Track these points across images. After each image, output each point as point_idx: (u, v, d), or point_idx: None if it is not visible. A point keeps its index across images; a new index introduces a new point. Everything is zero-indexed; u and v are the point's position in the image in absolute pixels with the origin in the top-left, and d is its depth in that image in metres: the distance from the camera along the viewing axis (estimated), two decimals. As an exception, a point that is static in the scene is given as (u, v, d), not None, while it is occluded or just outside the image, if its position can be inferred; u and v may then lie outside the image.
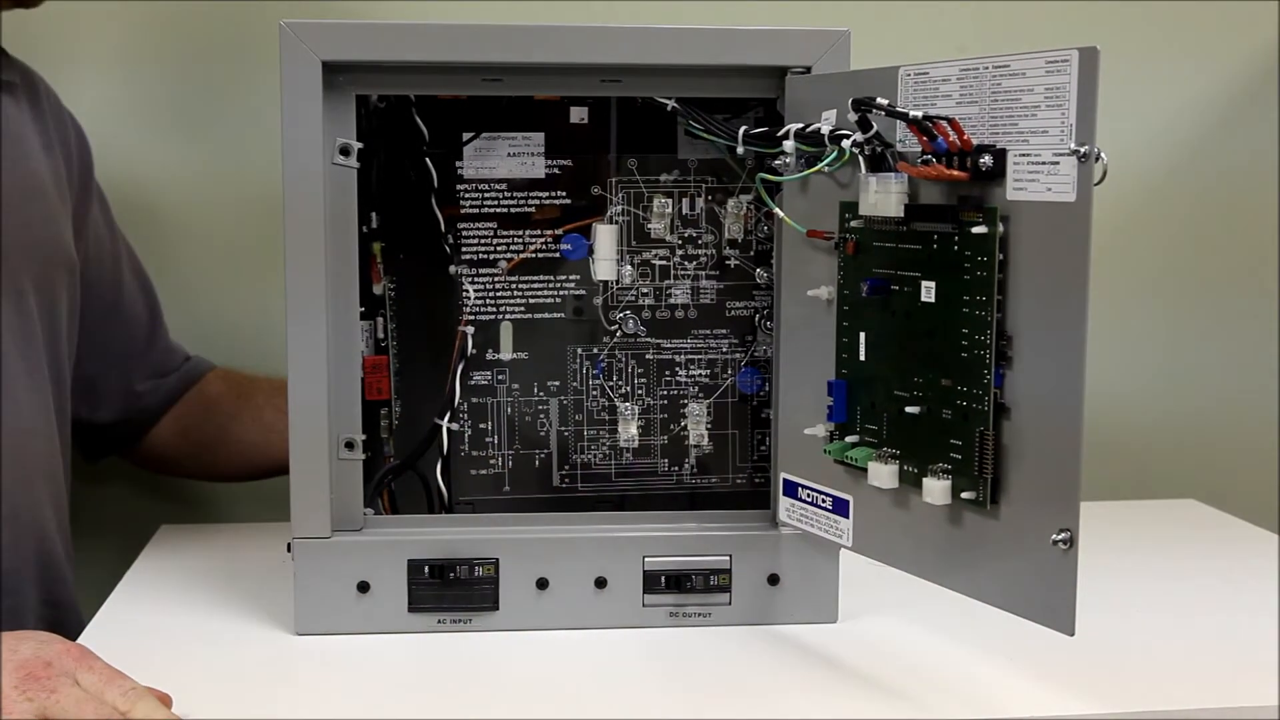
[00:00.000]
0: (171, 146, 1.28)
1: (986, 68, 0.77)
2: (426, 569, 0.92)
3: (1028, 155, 0.74)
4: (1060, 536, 0.73)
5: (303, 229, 0.89)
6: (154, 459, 1.23)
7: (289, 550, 0.92)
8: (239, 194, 1.28)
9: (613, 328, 0.98)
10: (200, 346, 1.26)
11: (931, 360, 0.81)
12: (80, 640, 0.90)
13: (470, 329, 0.97)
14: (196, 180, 1.29)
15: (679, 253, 0.97)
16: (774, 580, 0.94)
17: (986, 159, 0.76)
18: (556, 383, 0.98)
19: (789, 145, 0.88)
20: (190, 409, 1.21)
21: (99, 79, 1.26)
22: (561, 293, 0.97)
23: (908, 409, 0.82)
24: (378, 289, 0.96)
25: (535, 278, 0.97)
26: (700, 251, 0.98)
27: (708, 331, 0.98)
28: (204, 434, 1.21)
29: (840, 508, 0.89)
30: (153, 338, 1.20)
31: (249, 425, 1.20)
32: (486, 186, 0.96)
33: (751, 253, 0.98)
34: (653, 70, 0.92)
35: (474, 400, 0.98)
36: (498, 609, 0.93)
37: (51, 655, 0.78)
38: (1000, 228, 0.76)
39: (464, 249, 0.96)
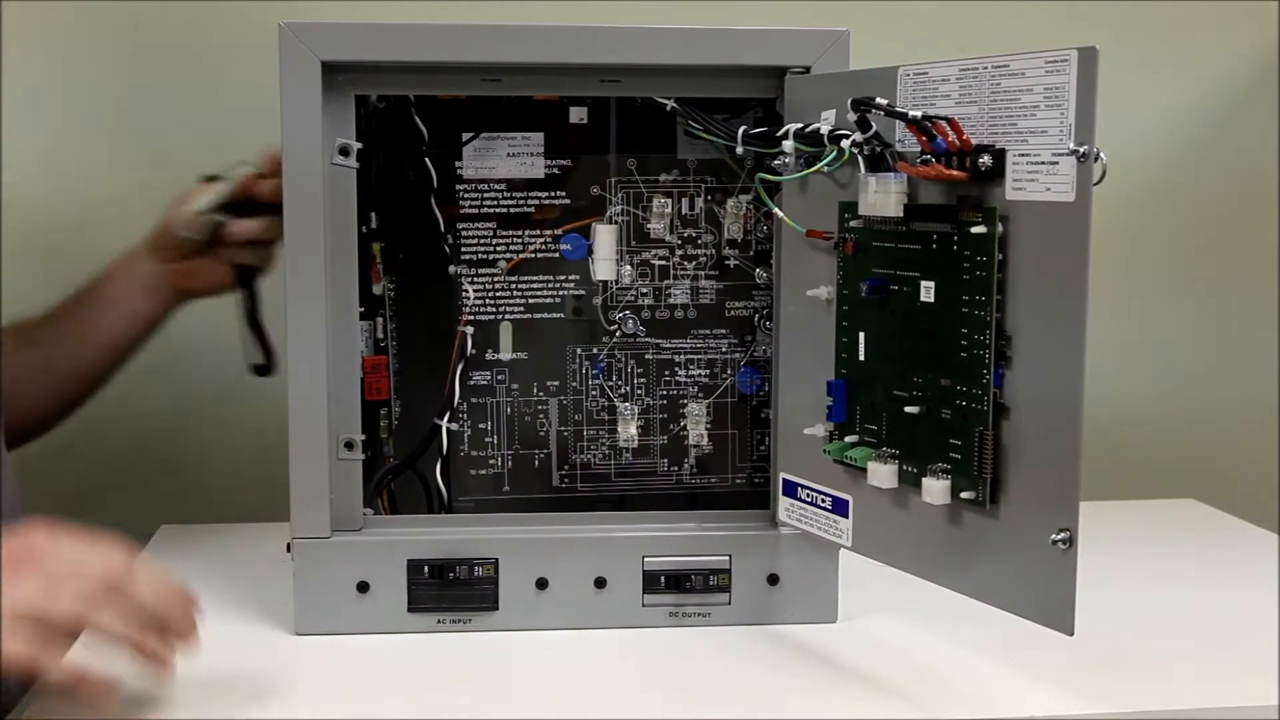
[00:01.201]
0: (159, 144, 1.28)
1: (986, 68, 0.77)
2: (426, 569, 0.92)
3: (1027, 155, 0.74)
4: (1060, 536, 0.73)
5: (302, 229, 0.89)
6: None
7: (289, 550, 0.92)
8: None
9: (612, 328, 0.98)
10: (195, 346, 1.26)
11: (931, 360, 0.81)
12: (79, 640, 0.90)
13: (470, 329, 0.97)
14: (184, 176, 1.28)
15: (678, 253, 0.97)
16: (774, 580, 0.94)
17: (986, 159, 0.76)
18: (556, 383, 0.98)
19: (788, 145, 0.88)
20: None
21: (86, 78, 1.27)
22: (561, 293, 0.97)
23: (907, 409, 0.82)
24: (377, 289, 0.96)
25: (535, 278, 0.97)
26: (700, 251, 0.98)
27: (707, 331, 0.98)
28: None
29: (840, 507, 0.89)
30: None
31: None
32: (486, 186, 0.96)
33: (751, 253, 0.98)
34: (652, 70, 0.92)
35: (473, 400, 0.98)
36: (497, 609, 0.93)
37: (20, 540, 0.76)
38: (999, 227, 0.76)
39: (463, 249, 0.96)
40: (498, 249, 0.96)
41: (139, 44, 1.27)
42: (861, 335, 0.86)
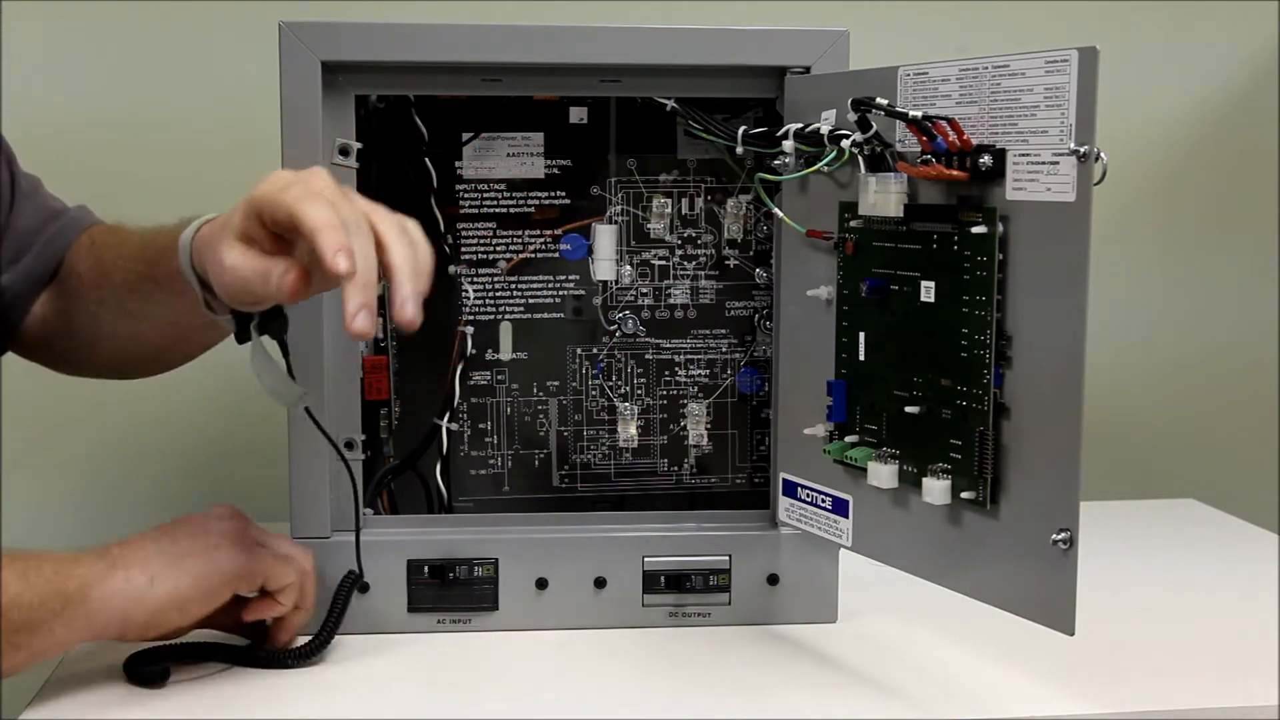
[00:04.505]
0: (167, 137, 1.28)
1: (986, 68, 0.77)
2: (426, 569, 0.92)
3: (1027, 155, 0.74)
4: (1060, 536, 0.73)
5: (302, 229, 0.89)
6: (33, 347, 1.02)
7: (288, 550, 0.92)
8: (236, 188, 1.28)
9: (612, 328, 0.98)
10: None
11: (931, 360, 0.81)
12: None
13: (470, 329, 0.97)
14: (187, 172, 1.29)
15: (678, 253, 0.97)
16: (773, 580, 0.94)
17: (986, 159, 0.76)
18: (556, 383, 0.98)
19: (788, 145, 0.88)
20: (59, 291, 0.99)
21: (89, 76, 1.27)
22: (561, 293, 0.97)
23: (907, 409, 0.82)
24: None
25: (535, 278, 0.97)
26: (700, 251, 0.98)
27: (707, 331, 0.98)
28: (73, 323, 0.99)
29: (840, 507, 0.89)
30: (12, 216, 0.98)
31: (111, 313, 0.97)
32: (486, 186, 0.96)
33: (751, 253, 0.98)
34: (652, 70, 0.92)
35: (473, 400, 0.98)
36: (497, 609, 0.93)
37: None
38: (1000, 228, 0.76)
39: (463, 249, 0.96)
40: (498, 249, 0.96)
41: (138, 44, 1.27)
42: (861, 335, 0.86)
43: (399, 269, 0.75)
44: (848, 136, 0.83)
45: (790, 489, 0.93)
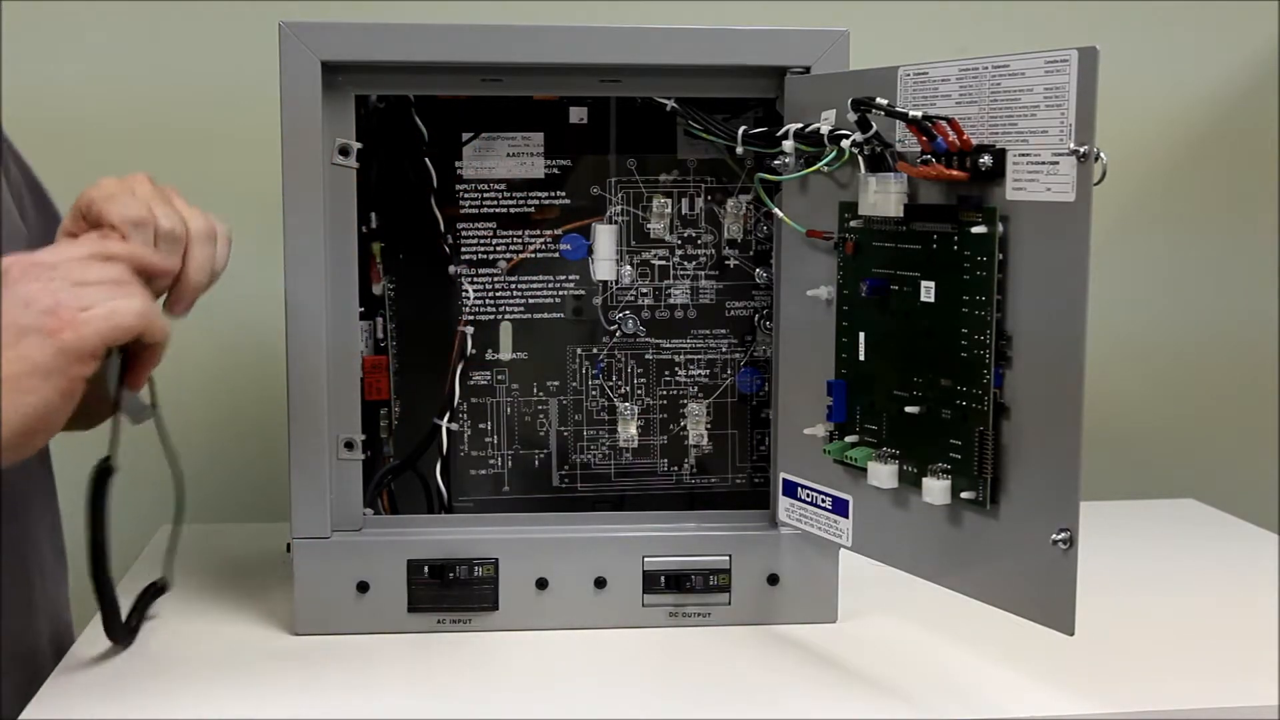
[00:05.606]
0: (167, 137, 1.28)
1: (986, 68, 0.77)
2: (426, 569, 0.92)
3: (1027, 155, 0.74)
4: (1060, 536, 0.73)
5: (302, 229, 0.89)
6: None
7: (289, 550, 0.92)
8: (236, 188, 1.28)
9: (612, 328, 0.98)
10: (197, 343, 1.25)
11: (931, 360, 0.81)
12: (78, 642, 0.90)
13: (470, 329, 0.97)
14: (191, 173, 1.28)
15: (678, 253, 0.97)
16: (773, 580, 0.94)
17: (986, 159, 0.76)
18: (556, 383, 0.98)
19: (788, 145, 0.88)
20: None
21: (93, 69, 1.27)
22: (561, 293, 0.97)
23: (907, 409, 0.82)
24: (377, 289, 0.96)
25: (535, 278, 0.97)
26: (700, 251, 0.98)
27: (707, 331, 0.98)
28: None
29: (840, 508, 0.89)
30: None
31: None
32: (486, 186, 0.96)
33: (751, 253, 0.98)
34: (652, 70, 0.92)
35: (473, 400, 0.98)
36: (497, 609, 0.93)
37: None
38: (1000, 228, 0.76)
39: (463, 249, 0.96)
40: (498, 249, 0.96)
41: (138, 44, 1.27)
42: (861, 335, 0.86)
43: (186, 275, 0.80)
44: (848, 136, 0.83)
45: (790, 489, 0.93)
